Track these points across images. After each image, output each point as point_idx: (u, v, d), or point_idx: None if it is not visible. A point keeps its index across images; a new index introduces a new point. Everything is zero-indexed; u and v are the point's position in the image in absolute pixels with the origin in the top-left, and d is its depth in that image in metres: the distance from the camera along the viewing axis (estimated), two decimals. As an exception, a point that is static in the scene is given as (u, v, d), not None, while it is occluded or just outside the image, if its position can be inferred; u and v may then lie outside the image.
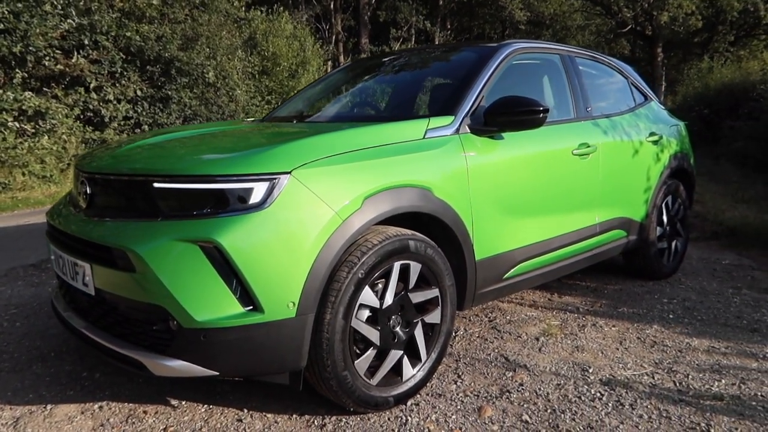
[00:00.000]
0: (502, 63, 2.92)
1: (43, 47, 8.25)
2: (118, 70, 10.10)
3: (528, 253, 2.87)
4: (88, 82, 9.70)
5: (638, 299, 3.72)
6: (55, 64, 9.07)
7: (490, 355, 2.85)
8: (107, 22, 9.37)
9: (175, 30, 10.57)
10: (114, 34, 9.78)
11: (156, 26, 10.48)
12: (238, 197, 1.94)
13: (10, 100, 8.27)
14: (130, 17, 10.07)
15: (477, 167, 2.56)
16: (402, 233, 2.25)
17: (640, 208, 3.73)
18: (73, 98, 9.49)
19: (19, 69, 8.63)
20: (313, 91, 3.71)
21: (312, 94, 3.66)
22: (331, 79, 3.76)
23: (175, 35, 10.45)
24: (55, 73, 9.32)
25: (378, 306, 2.21)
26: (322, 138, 2.17)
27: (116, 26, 9.69)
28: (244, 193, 1.94)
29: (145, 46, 10.09)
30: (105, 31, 9.41)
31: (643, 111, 3.92)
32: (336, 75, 3.79)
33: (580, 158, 3.13)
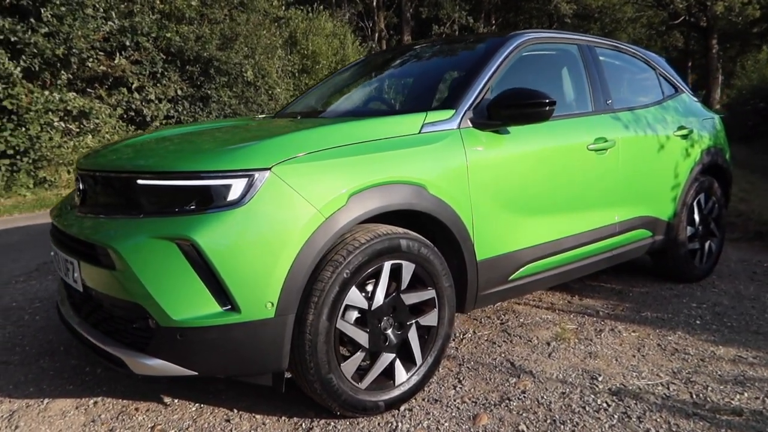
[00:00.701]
0: (510, 55, 2.79)
1: (85, 49, 8.51)
2: (159, 70, 10.33)
3: (537, 254, 2.73)
4: (130, 83, 9.95)
5: (664, 303, 3.51)
6: (98, 65, 9.33)
7: (496, 359, 2.73)
8: (147, 24, 9.59)
9: (214, 30, 10.74)
10: (155, 36, 10.00)
11: (195, 26, 10.67)
12: (216, 194, 1.90)
13: (56, 101, 8.56)
14: (170, 18, 10.28)
15: (478, 163, 2.44)
16: (393, 231, 2.17)
17: (667, 207, 3.52)
18: (116, 98, 9.76)
19: (64, 70, 8.90)
20: (325, 86, 3.66)
21: (323, 90, 3.61)
22: (343, 75, 3.70)
23: (214, 35, 10.63)
24: (99, 75, 9.60)
25: (366, 307, 2.13)
26: (306, 133, 2.11)
27: (157, 27, 9.91)
28: (222, 190, 1.90)
29: (185, 46, 10.29)
30: (146, 32, 9.64)
31: (671, 104, 3.69)
32: (349, 70, 3.73)
33: (597, 153, 2.97)
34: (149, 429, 2.19)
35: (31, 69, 8.26)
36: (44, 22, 8.10)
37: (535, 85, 2.93)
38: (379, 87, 3.32)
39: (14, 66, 7.67)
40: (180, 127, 2.85)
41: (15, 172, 8.27)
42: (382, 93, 3.26)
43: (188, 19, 10.54)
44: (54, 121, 8.87)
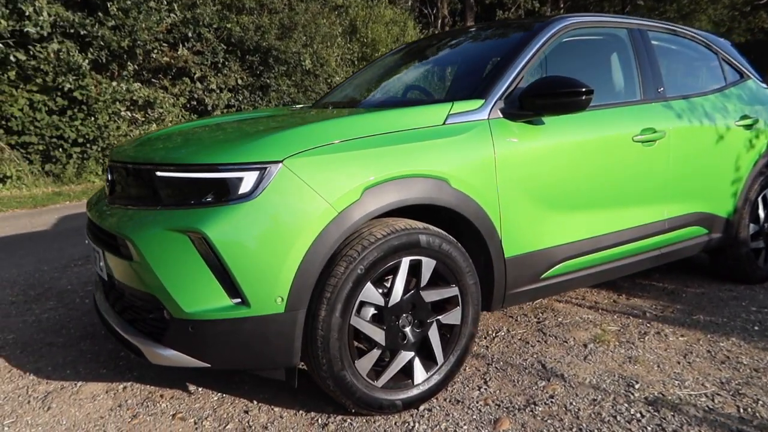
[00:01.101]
0: (549, 41, 2.63)
1: (148, 41, 8.80)
2: (221, 60, 10.56)
3: (573, 251, 2.59)
4: (192, 73, 10.23)
5: (721, 306, 3.26)
6: (162, 56, 9.64)
7: (527, 360, 2.61)
8: (209, 15, 9.82)
9: (273, 20, 10.89)
10: (216, 26, 10.23)
11: (255, 17, 10.85)
12: (227, 187, 1.89)
13: (123, 91, 8.91)
14: (230, 9, 10.49)
15: (508, 155, 2.33)
16: (411, 227, 2.09)
17: (725, 203, 3.26)
18: (180, 88, 10.07)
19: (131, 62, 9.24)
20: (362, 75, 3.60)
21: (360, 79, 3.55)
22: (381, 63, 3.62)
23: (273, 25, 10.78)
24: (163, 66, 9.92)
25: (383, 304, 2.08)
26: (321, 126, 2.06)
27: (218, 18, 10.13)
28: (233, 183, 1.88)
29: (245, 36, 10.48)
30: (207, 23, 9.87)
31: (735, 91, 3.40)
32: (387, 58, 3.65)
33: (644, 145, 2.77)
34: (170, 416, 2.23)
35: (98, 61, 8.60)
36: (111, 16, 8.41)
37: (576, 72, 2.77)
38: (413, 76, 3.22)
39: (83, 58, 8.01)
40: (213, 118, 2.87)
41: (85, 160, 8.70)
42: (415, 82, 3.16)
43: (248, 10, 10.73)
44: (121, 110, 9.24)
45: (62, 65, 8.02)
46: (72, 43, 8.15)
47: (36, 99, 8.45)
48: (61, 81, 8.10)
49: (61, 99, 8.63)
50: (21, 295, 3.80)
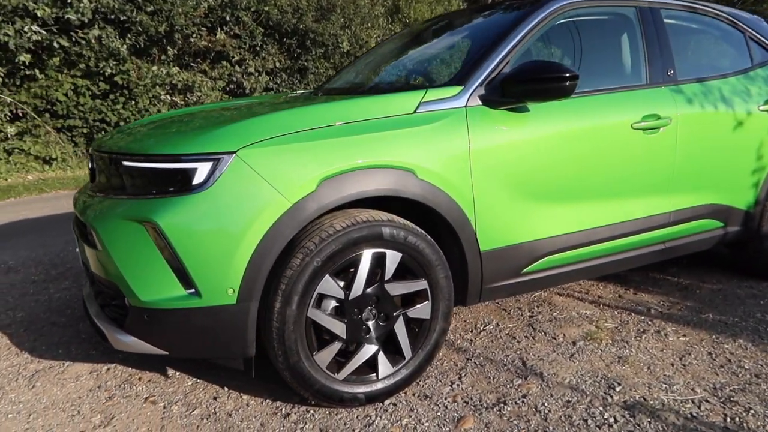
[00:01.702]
0: (540, 24, 2.49)
1: (185, 25, 8.93)
2: (258, 43, 10.64)
3: (559, 245, 2.47)
4: (231, 56, 10.36)
5: (735, 304, 3.06)
6: (200, 40, 9.78)
7: (509, 356, 2.52)
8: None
9: (311, 2, 10.88)
10: (253, 9, 10.30)
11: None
12: (182, 177, 1.89)
13: (162, 75, 9.12)
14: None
15: (485, 145, 2.23)
16: (374, 218, 2.04)
17: (744, 194, 3.03)
18: (219, 72, 10.23)
19: (170, 46, 9.43)
20: (362, 60, 3.52)
21: (359, 64, 3.48)
22: (381, 49, 3.53)
23: (311, 7, 10.77)
24: (203, 50, 10.08)
25: (343, 297, 2.04)
26: (278, 116, 2.02)
27: (256, 1, 10.19)
28: (187, 174, 1.88)
29: (282, 19, 10.52)
30: (245, 6, 9.95)
31: (762, 72, 3.14)
32: (387, 44, 3.56)
33: (645, 133, 2.60)
34: (143, 399, 2.29)
35: (138, 46, 8.80)
36: (150, 1, 8.58)
37: (573, 55, 2.63)
38: (405, 62, 3.11)
39: (121, 43, 8.21)
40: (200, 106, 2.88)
41: (127, 143, 8.99)
42: (405, 68, 3.06)
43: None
44: (161, 94, 9.45)
45: (104, 51, 8.24)
46: (112, 28, 8.36)
47: (79, 84, 8.73)
48: (102, 66, 8.33)
49: (103, 83, 8.89)
50: (43, 274, 3.97)
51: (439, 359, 2.52)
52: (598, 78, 2.63)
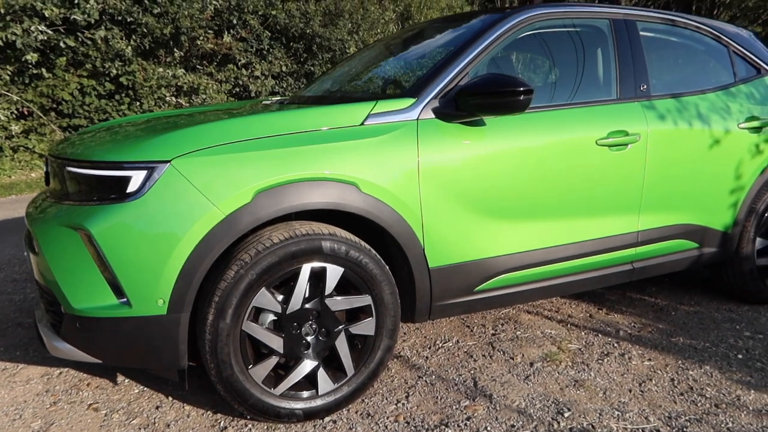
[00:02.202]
0: (504, 35, 2.43)
1: (190, 28, 8.99)
2: (266, 47, 10.68)
3: (515, 264, 2.40)
4: (237, 60, 10.41)
5: (709, 328, 2.96)
6: (206, 43, 9.84)
7: (462, 376, 2.46)
8: (253, 2, 9.93)
9: (319, 7, 10.91)
10: (261, 13, 10.35)
11: (301, 3, 10.90)
12: (116, 185, 1.87)
13: (168, 77, 9.18)
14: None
15: (435, 159, 2.18)
16: (314, 232, 2.00)
17: (722, 214, 2.93)
18: (225, 74, 10.28)
19: (177, 48, 9.51)
20: (336, 69, 3.49)
21: (331, 73, 3.44)
22: (355, 58, 3.49)
23: (318, 12, 10.80)
24: (209, 52, 10.15)
25: (280, 311, 2.01)
26: (217, 125, 1.99)
27: (264, 5, 10.23)
28: (122, 182, 1.87)
29: (290, 23, 10.55)
30: (252, 10, 9.99)
31: (745, 89, 3.04)
32: (362, 52, 3.52)
33: (611, 149, 2.52)
34: (87, 405, 2.27)
35: (141, 47, 8.86)
36: (157, 3, 8.65)
37: (540, 69, 2.57)
38: (370, 72, 3.06)
39: (126, 45, 8.28)
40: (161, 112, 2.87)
41: (131, 143, 9.09)
42: (367, 79, 3.01)
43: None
44: (166, 96, 9.51)
45: (110, 51, 8.32)
46: (118, 29, 8.44)
47: (86, 83, 8.82)
48: (108, 66, 8.41)
49: (109, 83, 8.97)
50: (24, 274, 4.00)
51: (391, 376, 2.47)
52: (565, 92, 2.57)
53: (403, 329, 2.91)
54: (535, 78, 2.69)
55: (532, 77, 2.69)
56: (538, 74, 2.61)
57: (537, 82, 2.69)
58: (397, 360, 2.61)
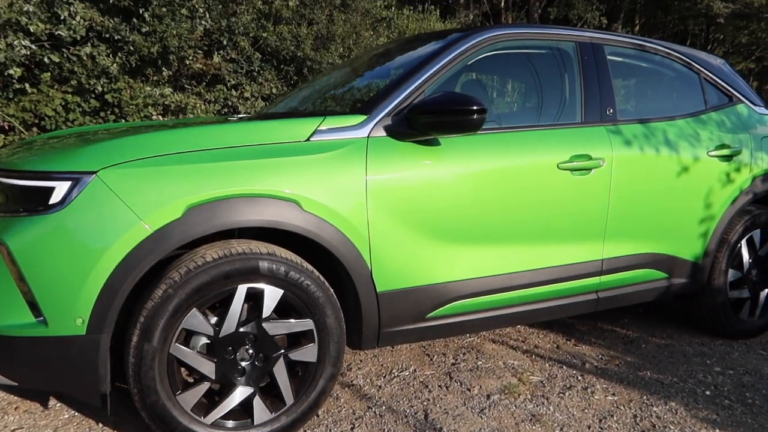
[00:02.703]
0: (464, 54, 2.37)
1: (178, 47, 8.97)
2: (256, 69, 10.65)
3: (471, 290, 2.30)
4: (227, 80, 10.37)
5: (679, 363, 2.84)
6: (195, 63, 9.81)
7: (414, 407, 2.34)
8: (244, 24, 9.96)
9: (311, 30, 10.95)
10: (252, 35, 10.36)
11: (293, 26, 10.94)
12: (39, 196, 1.77)
13: (156, 96, 9.11)
14: (268, 18, 10.63)
15: (384, 179, 2.09)
16: (251, 251, 1.90)
17: (691, 244, 2.84)
18: (214, 95, 10.23)
19: (165, 68, 9.46)
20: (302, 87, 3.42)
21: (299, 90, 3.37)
22: (324, 75, 3.44)
23: (310, 35, 10.83)
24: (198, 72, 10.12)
25: (212, 334, 1.89)
26: (148, 137, 1.91)
27: (255, 28, 10.26)
28: (45, 192, 1.76)
29: (281, 46, 10.56)
30: (242, 32, 10.01)
31: (715, 116, 2.98)
32: (331, 70, 3.46)
33: (573, 174, 2.44)
34: (11, 430, 2.13)
35: (131, 66, 8.83)
36: (146, 22, 8.65)
37: (502, 89, 2.51)
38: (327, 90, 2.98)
39: (111, 62, 8.25)
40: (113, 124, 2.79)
41: (116, 161, 9.01)
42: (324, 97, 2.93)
43: (286, 20, 10.83)
44: (153, 114, 9.42)
45: (97, 68, 8.28)
46: (105, 47, 8.41)
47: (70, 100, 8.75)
48: (93, 83, 8.36)
49: (94, 100, 8.90)
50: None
51: (339, 405, 2.34)
52: (527, 114, 2.51)
53: (360, 356, 2.79)
54: (497, 99, 2.63)
55: (494, 98, 2.62)
56: (501, 95, 2.54)
57: (499, 102, 2.62)
58: (348, 388, 2.48)
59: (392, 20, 12.86)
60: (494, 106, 2.61)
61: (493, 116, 2.51)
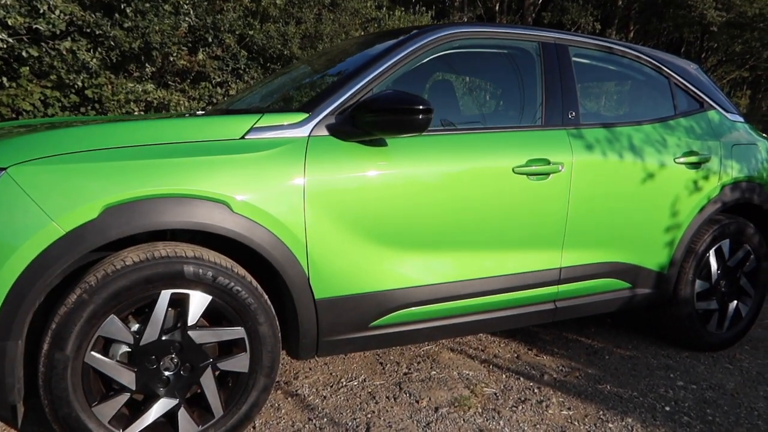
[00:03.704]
0: (417, 53, 2.26)
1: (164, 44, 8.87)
2: (242, 66, 10.56)
3: (419, 298, 2.20)
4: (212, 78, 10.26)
5: (641, 376, 2.74)
6: (179, 59, 9.70)
7: (357, 420, 2.23)
8: (229, 21, 9.87)
9: (299, 29, 10.86)
10: (239, 33, 10.26)
11: (281, 25, 10.86)
12: (-58, 193, 1.65)
13: (138, 92, 9.00)
14: (255, 15, 10.54)
15: (324, 180, 1.98)
16: (175, 254, 1.79)
17: (656, 253, 2.74)
18: (199, 92, 10.12)
19: (149, 64, 9.35)
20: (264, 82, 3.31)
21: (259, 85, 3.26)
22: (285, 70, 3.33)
23: (297, 34, 10.75)
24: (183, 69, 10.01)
25: (132, 342, 1.78)
26: (67, 132, 1.79)
27: (242, 25, 10.16)
28: (-53, 190, 1.65)
29: (267, 44, 10.48)
30: (228, 29, 9.92)
31: (685, 122, 2.88)
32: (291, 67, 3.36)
33: (530, 179, 2.34)
34: (-74, 441, 2.02)
35: (112, 61, 8.72)
36: (128, 17, 8.54)
37: (457, 90, 2.41)
38: (280, 87, 2.87)
39: (90, 57, 8.14)
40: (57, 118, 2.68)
41: (96, 157, 8.89)
42: (276, 94, 2.81)
43: (273, 18, 10.74)
44: (135, 110, 9.31)
45: (77, 63, 8.16)
46: (86, 41, 8.29)
47: (49, 94, 8.62)
48: (72, 78, 8.23)
49: (74, 96, 8.78)
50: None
51: (279, 417, 2.23)
52: (484, 116, 2.41)
53: (309, 364, 2.68)
54: (452, 99, 2.52)
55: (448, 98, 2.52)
56: (457, 95, 2.44)
57: (454, 103, 2.52)
58: (292, 398, 2.38)
59: (383, 21, 12.78)
60: (450, 107, 2.50)
61: (448, 117, 2.41)
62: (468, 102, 2.41)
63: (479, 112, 2.41)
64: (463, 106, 2.58)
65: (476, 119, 2.38)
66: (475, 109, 2.40)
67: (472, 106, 2.40)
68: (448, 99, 2.61)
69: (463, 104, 2.53)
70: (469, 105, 2.42)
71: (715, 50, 28.46)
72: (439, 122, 2.29)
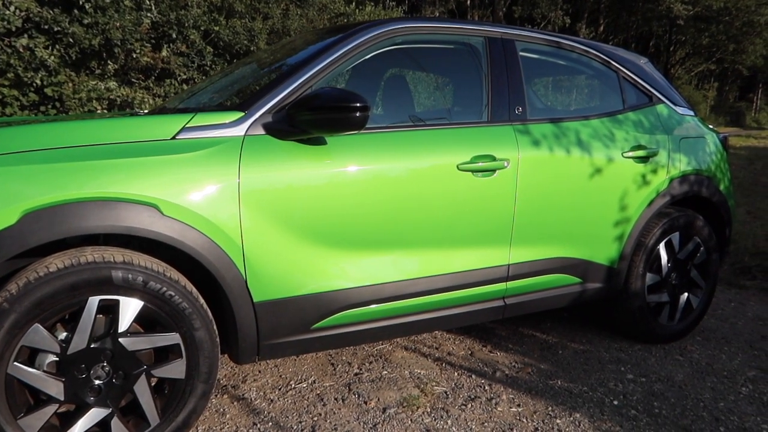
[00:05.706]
0: (358, 49, 2.23)
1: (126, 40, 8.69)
2: (208, 63, 10.40)
3: (362, 298, 2.17)
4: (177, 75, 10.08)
5: (592, 370, 2.76)
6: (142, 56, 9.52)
7: (303, 423, 2.20)
8: (194, 17, 9.70)
9: (265, 25, 10.74)
10: (204, 29, 10.12)
11: (247, 20, 10.72)
12: None
13: (101, 90, 8.80)
14: (220, 11, 10.39)
15: (259, 181, 1.94)
16: (103, 260, 1.74)
17: (605, 248, 2.76)
18: (165, 89, 9.94)
19: (111, 61, 9.17)
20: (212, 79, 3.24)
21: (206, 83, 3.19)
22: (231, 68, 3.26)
23: (264, 30, 10.62)
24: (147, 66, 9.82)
25: (58, 351, 1.72)
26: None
27: (207, 21, 10.02)
28: None
29: (233, 40, 10.34)
30: (192, 25, 9.76)
31: (633, 116, 2.90)
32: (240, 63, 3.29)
33: (475, 175, 2.33)
34: None
35: (73, 59, 8.54)
36: (87, 13, 8.35)
37: (400, 86, 2.38)
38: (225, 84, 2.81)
39: (48, 55, 7.94)
40: None
41: (57, 157, 8.69)
42: (215, 92, 2.75)
43: (239, 14, 10.60)
44: (98, 109, 9.12)
45: (34, 61, 7.94)
46: (45, 38, 8.07)
47: (6, 93, 8.37)
48: (31, 76, 8.01)
49: (33, 94, 8.55)
50: None
51: (223, 422, 2.19)
52: (428, 112, 2.38)
53: (258, 366, 2.64)
54: (394, 95, 2.50)
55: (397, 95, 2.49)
56: (399, 92, 2.42)
57: (396, 99, 2.49)
58: (238, 402, 2.34)
59: (352, 16, 12.70)
60: (397, 104, 2.48)
61: (394, 114, 2.38)
62: (414, 99, 2.37)
63: (424, 108, 2.38)
64: (409, 103, 2.56)
65: (421, 116, 2.35)
66: (420, 105, 2.37)
67: (418, 103, 2.37)
68: (397, 96, 2.58)
69: (408, 101, 2.50)
70: (414, 102, 2.39)
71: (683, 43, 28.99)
72: (383, 119, 2.26)
